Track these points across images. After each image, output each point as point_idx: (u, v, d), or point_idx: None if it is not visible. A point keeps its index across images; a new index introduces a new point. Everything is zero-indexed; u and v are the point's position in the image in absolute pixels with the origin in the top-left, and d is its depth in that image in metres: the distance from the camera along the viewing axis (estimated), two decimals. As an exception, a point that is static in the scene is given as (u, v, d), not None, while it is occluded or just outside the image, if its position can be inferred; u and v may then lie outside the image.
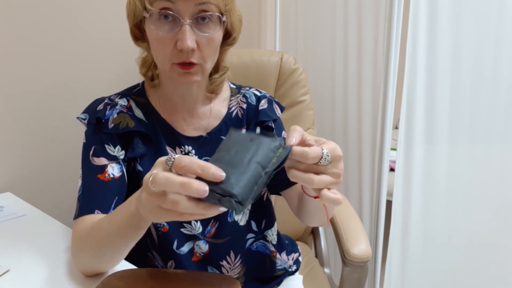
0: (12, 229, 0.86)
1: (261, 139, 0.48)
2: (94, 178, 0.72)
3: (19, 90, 1.06)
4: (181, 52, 0.67)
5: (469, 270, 1.40)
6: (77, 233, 0.68)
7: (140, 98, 0.80)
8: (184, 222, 0.77)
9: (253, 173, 0.45)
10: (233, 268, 0.83)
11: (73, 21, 1.12)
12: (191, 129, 0.80)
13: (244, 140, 0.48)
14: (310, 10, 1.59)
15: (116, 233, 0.59)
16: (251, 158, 0.46)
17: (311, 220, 0.80)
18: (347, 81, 1.51)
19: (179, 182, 0.43)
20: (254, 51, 1.26)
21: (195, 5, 0.65)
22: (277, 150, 0.48)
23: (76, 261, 0.69)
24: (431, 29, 1.29)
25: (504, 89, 1.26)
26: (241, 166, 0.45)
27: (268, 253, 0.87)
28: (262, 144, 0.47)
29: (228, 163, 0.45)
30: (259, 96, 0.86)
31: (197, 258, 0.80)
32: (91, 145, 0.74)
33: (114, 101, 0.78)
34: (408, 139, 1.38)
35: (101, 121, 0.75)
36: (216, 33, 0.69)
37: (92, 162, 0.73)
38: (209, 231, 0.79)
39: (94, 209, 0.69)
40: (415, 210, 1.42)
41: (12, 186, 1.07)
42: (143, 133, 0.76)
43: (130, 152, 0.75)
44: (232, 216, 0.81)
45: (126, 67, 1.25)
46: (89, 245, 0.64)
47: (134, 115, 0.77)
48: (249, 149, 0.47)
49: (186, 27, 0.65)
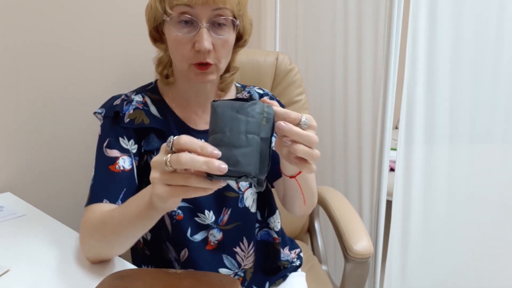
0: (12, 229, 0.86)
1: (246, 108, 0.51)
2: (105, 169, 0.76)
3: (19, 91, 1.06)
4: (198, 53, 0.72)
5: (469, 269, 1.40)
6: (87, 220, 0.71)
7: (154, 95, 0.85)
8: (198, 211, 0.80)
9: (254, 147, 0.50)
10: (248, 256, 0.85)
11: (76, 23, 1.12)
12: (203, 123, 0.85)
13: (231, 114, 0.51)
14: (310, 10, 1.59)
15: (128, 223, 0.63)
16: (246, 132, 0.50)
17: (293, 204, 0.86)
18: (347, 81, 1.51)
19: (203, 160, 0.47)
20: (250, 51, 1.27)
21: (212, 10, 0.71)
22: (263, 111, 0.52)
23: (84, 248, 0.71)
24: (431, 29, 1.29)
25: (504, 89, 1.26)
26: (241, 143, 0.49)
27: (271, 240, 0.90)
28: (249, 112, 0.51)
29: (229, 145, 0.49)
30: (262, 94, 0.93)
31: (211, 247, 0.82)
32: (106, 137, 0.78)
33: (130, 97, 0.83)
34: (408, 139, 1.38)
35: (119, 115, 0.79)
36: (230, 35, 0.75)
37: (105, 154, 0.77)
38: (221, 220, 0.82)
39: (103, 198, 0.73)
40: (415, 210, 1.42)
41: (12, 186, 1.07)
42: (157, 129, 0.80)
43: (146, 145, 0.79)
44: (243, 202, 0.84)
45: (128, 70, 1.25)
46: (100, 233, 0.68)
47: (149, 111, 0.82)
48: (240, 122, 0.50)
49: (203, 30, 0.71)
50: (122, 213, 0.64)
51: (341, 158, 1.60)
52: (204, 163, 0.47)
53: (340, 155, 1.60)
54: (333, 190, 1.30)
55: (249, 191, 0.85)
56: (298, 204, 0.85)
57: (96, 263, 0.72)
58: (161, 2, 0.74)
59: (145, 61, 0.88)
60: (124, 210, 0.64)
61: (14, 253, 0.76)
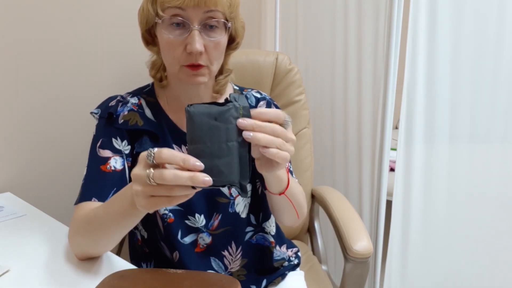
0: (12, 229, 0.86)
1: (224, 114, 0.50)
2: (97, 168, 0.77)
3: (19, 91, 1.06)
4: (190, 55, 0.72)
5: (469, 269, 1.40)
6: (75, 218, 0.72)
7: (150, 97, 0.85)
8: (189, 214, 0.81)
9: (235, 154, 0.50)
10: (235, 260, 0.86)
11: (76, 22, 1.12)
12: None
13: (210, 122, 0.50)
14: (310, 10, 1.59)
15: (112, 221, 0.64)
16: (226, 141, 0.50)
17: (282, 217, 0.86)
18: (347, 81, 1.51)
19: (187, 176, 0.48)
20: (250, 52, 1.27)
21: (203, 12, 0.71)
22: (240, 114, 0.51)
23: (72, 245, 0.73)
24: (431, 29, 1.29)
25: (504, 89, 1.26)
26: (223, 153, 0.49)
27: (267, 245, 0.90)
28: (227, 119, 0.50)
29: (211, 155, 0.49)
30: (259, 98, 0.92)
31: (200, 250, 0.83)
32: (99, 137, 0.79)
33: (126, 99, 0.84)
34: (408, 139, 1.38)
35: (113, 116, 0.80)
36: (222, 37, 0.75)
37: (98, 154, 0.78)
38: (212, 224, 0.83)
39: (92, 196, 0.74)
40: (415, 210, 1.42)
41: (12, 186, 1.07)
42: (151, 132, 0.81)
43: (138, 147, 0.80)
44: (233, 208, 0.84)
45: (127, 71, 1.25)
46: (85, 231, 0.69)
47: (144, 114, 0.82)
48: (220, 131, 0.50)
49: (195, 32, 0.71)
50: (106, 211, 0.65)
51: (341, 158, 1.60)
52: (188, 178, 0.48)
53: (340, 155, 1.60)
54: (333, 190, 1.30)
55: (241, 197, 0.85)
56: (287, 217, 0.85)
57: (85, 260, 0.73)
58: (153, 5, 0.74)
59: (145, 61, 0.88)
60: (109, 208, 0.64)
61: (14, 253, 0.76)
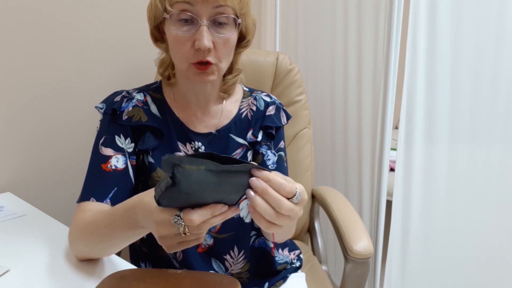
0: (12, 229, 0.86)
1: (230, 180, 0.48)
2: (97, 166, 0.76)
3: (19, 91, 1.06)
4: (198, 52, 0.71)
5: (469, 269, 1.40)
6: (75, 221, 0.72)
7: (157, 94, 0.85)
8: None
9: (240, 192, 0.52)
10: (236, 263, 0.86)
11: (75, 22, 1.12)
12: (202, 126, 0.83)
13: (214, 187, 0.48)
14: (310, 10, 1.59)
15: (113, 237, 0.64)
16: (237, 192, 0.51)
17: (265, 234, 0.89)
18: (347, 81, 1.51)
19: (220, 218, 0.50)
20: (250, 51, 1.26)
21: (212, 7, 0.69)
22: (247, 183, 0.51)
23: (72, 248, 0.73)
24: (431, 29, 1.29)
25: (504, 89, 1.26)
26: (227, 194, 0.50)
27: (269, 250, 0.90)
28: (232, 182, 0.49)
29: (220, 200, 0.50)
30: (268, 102, 0.90)
31: (202, 250, 0.83)
32: (102, 134, 0.79)
33: (132, 95, 0.83)
34: (408, 139, 1.38)
35: (116, 112, 0.79)
36: (231, 34, 0.73)
37: (100, 151, 0.77)
38: (214, 227, 0.83)
39: (90, 196, 0.73)
40: (415, 210, 1.42)
41: (12, 186, 1.07)
42: (155, 128, 0.80)
43: (141, 145, 0.79)
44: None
45: (127, 70, 1.25)
46: (86, 239, 0.69)
47: (149, 110, 0.81)
48: (231, 185, 0.49)
49: (203, 28, 0.69)
50: (108, 227, 0.64)
51: (341, 158, 1.60)
52: (222, 219, 0.50)
53: (340, 155, 1.60)
54: (333, 190, 1.30)
55: (245, 202, 0.85)
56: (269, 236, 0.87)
57: (85, 261, 0.73)
58: (161, 0, 0.72)
59: (147, 58, 0.88)
60: (111, 225, 0.63)
61: (14, 253, 0.76)
